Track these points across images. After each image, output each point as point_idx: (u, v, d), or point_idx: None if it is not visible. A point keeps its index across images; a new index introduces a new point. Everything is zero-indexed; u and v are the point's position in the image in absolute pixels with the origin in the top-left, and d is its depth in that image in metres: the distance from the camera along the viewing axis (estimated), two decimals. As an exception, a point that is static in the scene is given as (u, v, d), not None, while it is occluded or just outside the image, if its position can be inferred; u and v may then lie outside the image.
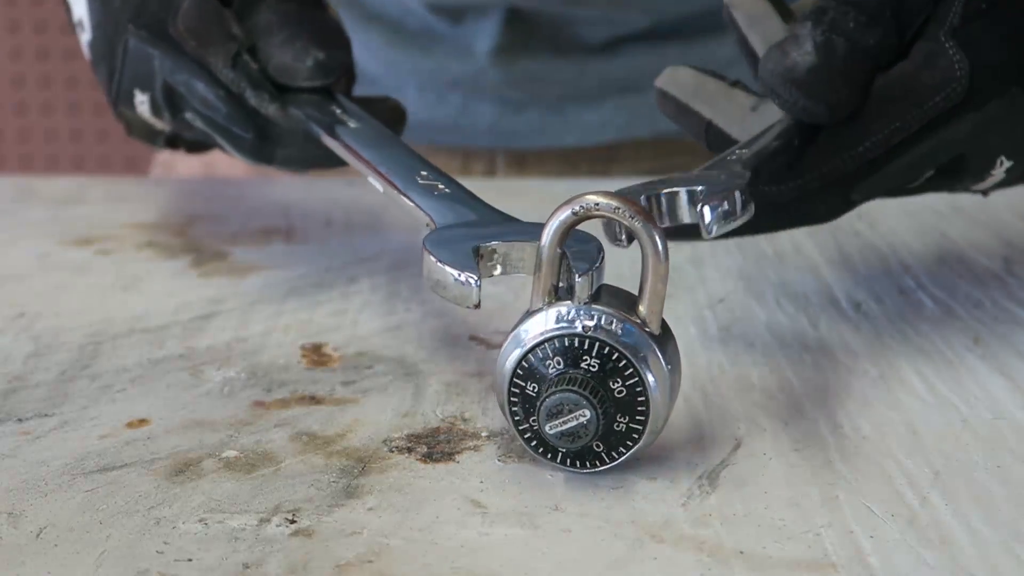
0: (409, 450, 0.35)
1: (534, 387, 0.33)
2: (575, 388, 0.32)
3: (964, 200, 0.62)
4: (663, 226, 0.36)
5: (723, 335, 0.44)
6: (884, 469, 0.34)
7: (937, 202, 0.61)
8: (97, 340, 0.43)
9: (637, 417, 0.33)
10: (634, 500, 0.32)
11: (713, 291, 0.48)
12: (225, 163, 0.71)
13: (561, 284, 0.34)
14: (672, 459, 0.35)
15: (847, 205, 0.42)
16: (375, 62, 0.68)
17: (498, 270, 0.36)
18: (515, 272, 0.36)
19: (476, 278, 0.34)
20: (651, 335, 0.33)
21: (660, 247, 0.33)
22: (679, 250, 0.53)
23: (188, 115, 0.48)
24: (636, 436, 0.33)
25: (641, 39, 0.67)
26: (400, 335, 0.44)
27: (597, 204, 0.32)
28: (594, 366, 0.33)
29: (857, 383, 0.40)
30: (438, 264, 0.35)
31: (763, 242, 0.53)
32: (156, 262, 0.52)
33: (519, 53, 0.67)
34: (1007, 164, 0.44)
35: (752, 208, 0.38)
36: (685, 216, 0.38)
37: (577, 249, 0.34)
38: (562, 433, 0.32)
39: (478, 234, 0.37)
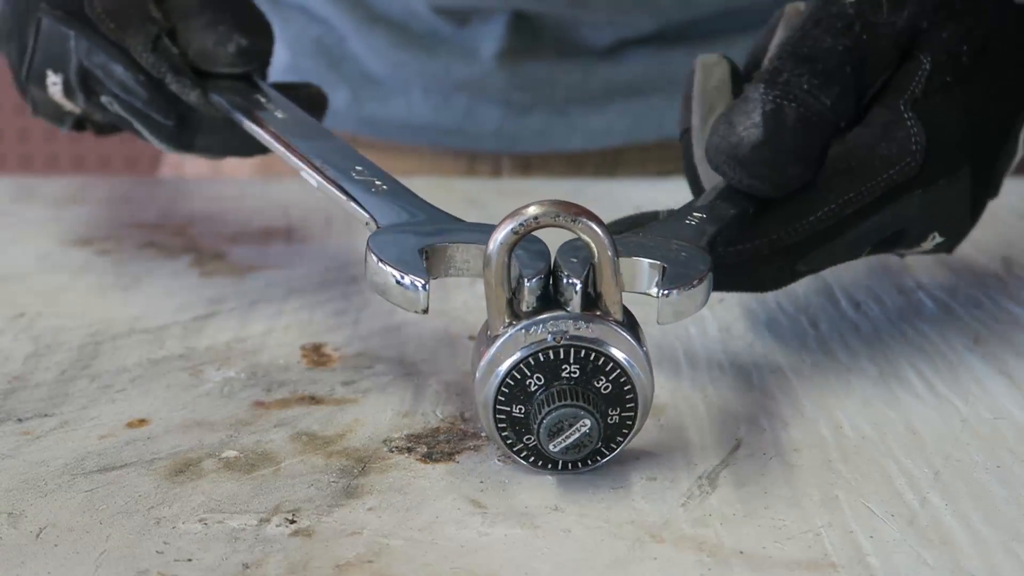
0: (409, 450, 0.35)
1: (520, 408, 0.33)
2: (568, 401, 0.32)
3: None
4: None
5: (723, 335, 0.44)
6: (884, 469, 0.34)
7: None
8: (97, 340, 0.43)
9: (627, 406, 0.33)
10: (634, 500, 0.32)
11: (713, 291, 0.48)
12: (232, 162, 0.71)
13: (516, 297, 0.33)
14: (672, 459, 0.35)
15: (792, 276, 0.40)
16: (380, 63, 0.68)
17: (446, 272, 0.35)
18: (461, 275, 0.35)
19: (424, 282, 0.34)
20: (617, 323, 0.33)
21: (607, 241, 0.33)
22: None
23: (104, 99, 0.47)
24: (630, 423, 0.33)
25: (646, 43, 0.67)
26: (400, 335, 0.44)
27: (536, 217, 0.32)
28: (575, 372, 0.33)
29: (857, 383, 0.40)
30: (383, 266, 0.34)
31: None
32: (156, 262, 0.52)
33: (524, 56, 0.67)
34: (938, 240, 0.43)
35: (706, 297, 0.36)
36: (640, 286, 0.35)
37: (525, 256, 0.34)
38: (567, 447, 0.33)
39: (423, 234, 0.36)
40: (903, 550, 0.30)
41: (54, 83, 0.48)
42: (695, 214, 0.39)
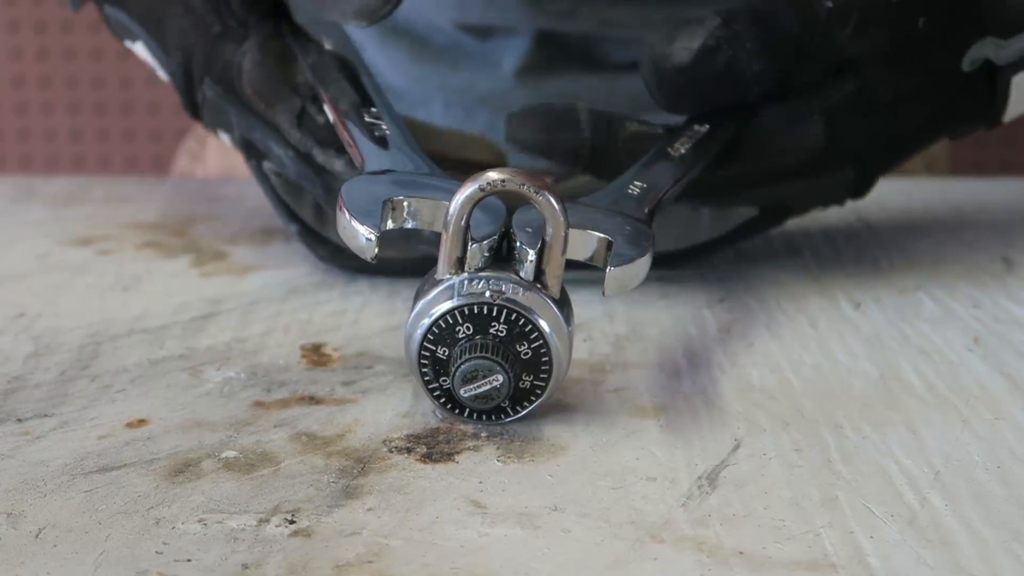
0: (409, 450, 0.35)
1: (444, 351, 0.35)
2: (488, 355, 0.35)
3: (963, 199, 0.62)
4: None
5: (723, 335, 0.44)
6: (884, 469, 0.34)
7: (936, 201, 0.62)
8: (97, 340, 0.43)
9: (541, 375, 0.36)
10: (634, 500, 0.32)
11: (713, 291, 0.48)
12: (244, 171, 0.71)
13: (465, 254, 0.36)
14: (672, 459, 0.35)
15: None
16: (401, 76, 0.68)
17: (408, 223, 0.37)
18: (424, 227, 0.37)
19: (375, 234, 0.36)
20: (552, 299, 0.35)
21: (563, 220, 0.35)
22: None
23: (266, 165, 0.49)
24: (539, 392, 0.36)
25: None
26: (400, 335, 0.44)
27: (503, 180, 0.34)
28: (502, 331, 0.35)
29: (857, 383, 0.40)
30: (347, 213, 0.36)
31: (763, 243, 0.53)
32: (156, 262, 0.52)
33: (547, 71, 0.66)
34: (819, 209, 0.49)
35: (647, 270, 0.37)
36: (585, 256, 0.37)
37: (481, 213, 0.36)
38: (476, 396, 0.35)
39: (396, 185, 0.38)
40: (903, 550, 0.30)
41: (225, 138, 0.50)
42: (636, 183, 0.41)
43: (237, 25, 0.47)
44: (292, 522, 0.31)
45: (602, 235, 0.37)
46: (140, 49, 0.51)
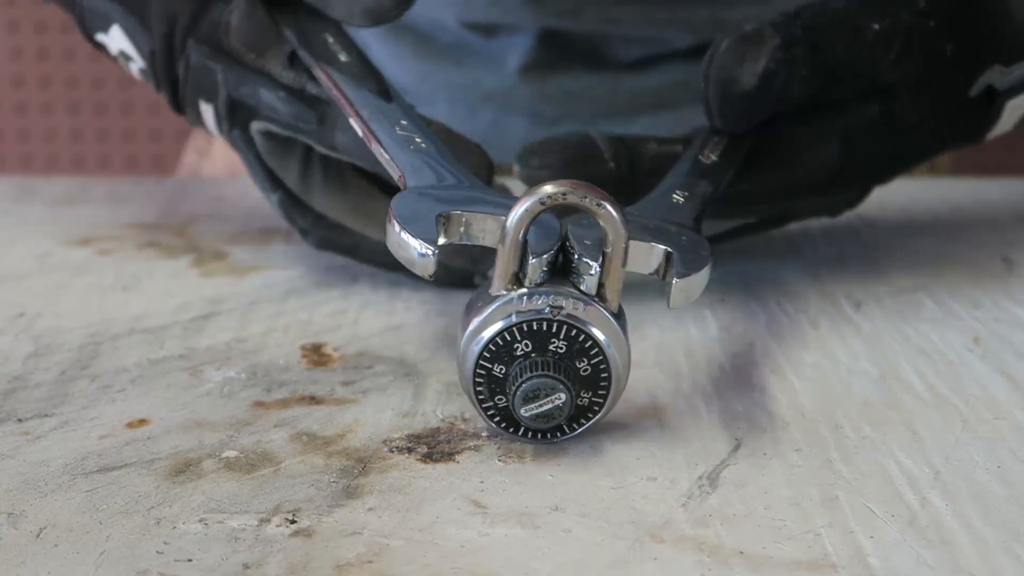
0: (409, 450, 0.35)
1: (501, 368, 0.34)
2: (551, 373, 0.34)
3: (963, 200, 0.62)
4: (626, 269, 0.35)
5: (723, 335, 0.44)
6: (884, 469, 0.34)
7: (936, 201, 0.62)
8: (97, 340, 0.43)
9: (600, 391, 0.35)
10: (634, 500, 0.32)
11: (713, 291, 0.48)
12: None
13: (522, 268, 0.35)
14: (672, 459, 0.35)
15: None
16: (405, 73, 0.68)
17: (462, 238, 0.36)
18: (476, 242, 0.36)
19: (434, 250, 0.35)
20: (612, 314, 0.34)
21: (624, 233, 0.34)
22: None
23: (254, 126, 0.48)
24: (598, 408, 0.35)
25: (675, 56, 0.67)
26: (400, 335, 0.44)
27: (564, 193, 0.33)
28: (562, 348, 0.34)
29: (857, 383, 0.40)
30: (399, 228, 0.35)
31: (762, 242, 0.53)
32: (156, 262, 0.52)
33: (552, 69, 0.66)
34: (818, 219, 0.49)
35: (707, 281, 0.37)
36: (646, 269, 0.37)
37: (540, 232, 0.35)
38: (537, 415, 0.34)
39: (446, 200, 0.37)
40: (903, 550, 0.30)
41: (206, 111, 0.49)
42: (678, 191, 0.41)
43: None
44: (293, 522, 0.31)
45: (664, 247, 0.36)
46: (115, 35, 0.50)
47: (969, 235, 0.56)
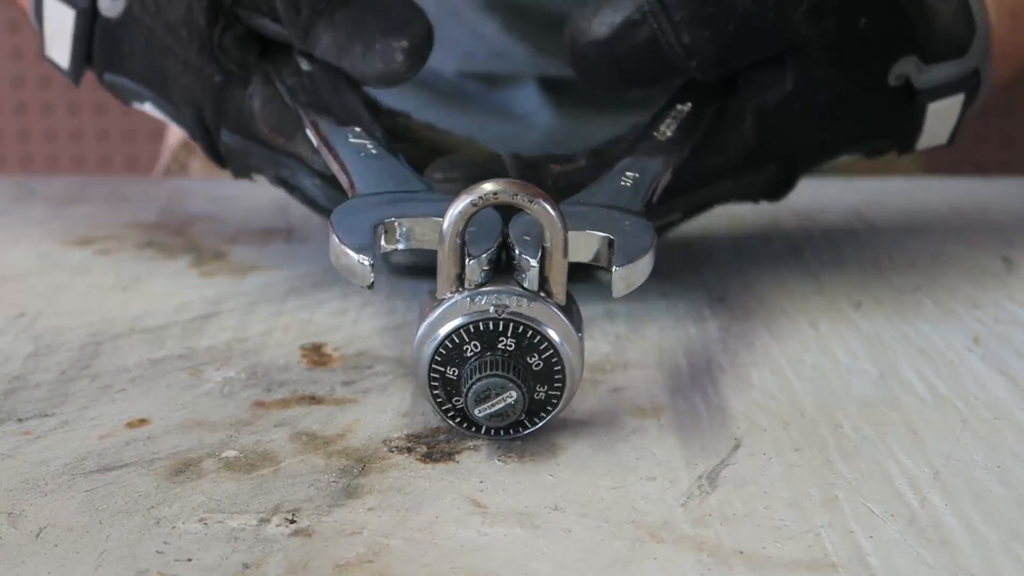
0: (409, 450, 0.35)
1: (454, 371, 0.35)
2: (500, 372, 0.34)
3: (963, 200, 0.62)
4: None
5: (723, 335, 0.44)
6: (884, 469, 0.34)
7: (936, 201, 0.62)
8: (97, 340, 0.43)
9: (555, 385, 0.35)
10: (634, 500, 0.32)
11: (713, 291, 0.48)
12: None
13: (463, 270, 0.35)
14: (672, 459, 0.35)
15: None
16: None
17: (400, 244, 0.37)
18: (419, 246, 0.37)
19: (370, 260, 0.35)
20: (559, 307, 0.35)
21: (561, 226, 0.34)
22: (678, 250, 0.53)
23: (307, 193, 0.48)
24: (555, 401, 0.35)
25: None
26: (400, 335, 0.44)
27: (495, 192, 0.33)
28: (511, 345, 0.34)
29: (857, 383, 0.40)
30: (337, 242, 0.36)
31: (762, 242, 0.53)
32: (156, 262, 0.52)
33: (556, 113, 0.66)
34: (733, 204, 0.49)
35: (651, 267, 0.37)
36: (587, 257, 0.37)
37: (476, 230, 0.35)
38: (491, 415, 0.34)
39: (386, 207, 0.37)
40: (903, 550, 0.30)
41: (258, 179, 0.49)
42: (628, 173, 0.41)
43: (238, 69, 0.46)
44: (292, 522, 0.31)
45: (603, 234, 0.37)
46: (150, 109, 0.49)
47: (969, 235, 0.56)
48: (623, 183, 0.41)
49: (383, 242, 0.37)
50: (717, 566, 0.29)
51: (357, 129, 0.42)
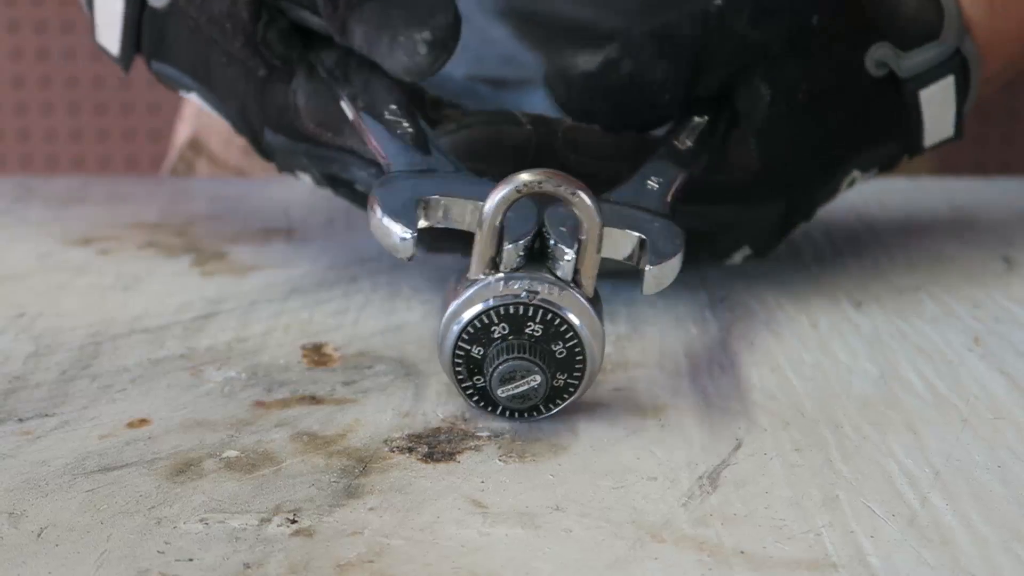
0: (410, 450, 0.35)
1: (479, 350, 0.36)
2: (527, 356, 0.35)
3: (963, 199, 0.62)
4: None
5: (723, 335, 0.44)
6: (884, 469, 0.34)
7: (936, 201, 0.62)
8: (97, 340, 0.43)
9: (575, 374, 0.36)
10: (635, 500, 0.32)
11: (713, 291, 0.48)
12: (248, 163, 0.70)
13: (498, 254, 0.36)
14: (672, 459, 0.35)
15: None
16: None
17: (441, 222, 0.38)
18: (455, 226, 0.38)
19: (412, 233, 0.36)
20: (587, 299, 0.36)
21: (599, 221, 0.35)
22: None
23: (358, 187, 0.47)
24: (573, 390, 0.36)
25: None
26: (401, 335, 0.44)
27: (539, 182, 0.34)
28: (538, 331, 0.35)
29: (857, 383, 0.40)
30: (379, 215, 0.37)
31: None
32: (156, 262, 0.52)
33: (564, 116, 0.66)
34: (748, 252, 0.48)
35: (680, 266, 0.38)
36: (619, 255, 0.38)
37: (518, 216, 0.36)
38: (513, 396, 0.35)
39: (426, 184, 0.39)
40: (904, 550, 0.30)
41: (303, 178, 0.49)
42: (653, 178, 0.42)
43: (282, 63, 0.45)
44: (293, 522, 0.31)
45: (636, 234, 0.38)
46: (196, 99, 0.49)
47: (969, 235, 0.56)
48: (649, 187, 0.41)
49: (423, 219, 0.38)
50: (718, 566, 0.29)
51: (393, 107, 0.43)
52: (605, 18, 0.59)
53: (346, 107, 0.43)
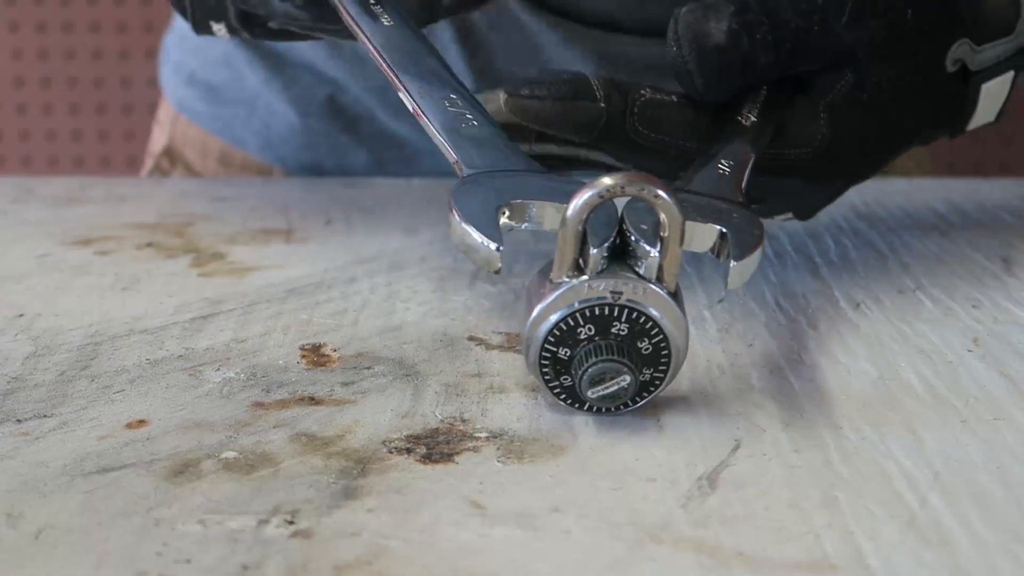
0: (408, 451, 0.35)
1: (566, 351, 0.36)
2: (615, 357, 0.35)
3: (963, 200, 0.62)
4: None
5: (723, 335, 0.44)
6: (884, 470, 0.34)
7: (936, 201, 0.62)
8: (96, 340, 0.43)
9: (660, 367, 0.36)
10: (633, 501, 0.32)
11: (713, 291, 0.48)
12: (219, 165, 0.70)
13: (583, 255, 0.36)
14: (672, 460, 0.35)
15: None
16: (403, 123, 0.67)
17: (523, 227, 0.38)
18: (536, 227, 0.38)
19: (497, 245, 0.36)
20: (670, 294, 0.36)
21: (680, 217, 0.35)
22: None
23: (272, 24, 0.48)
24: (659, 382, 0.37)
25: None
26: (400, 335, 0.44)
27: (623, 186, 0.35)
28: (623, 330, 0.36)
29: (856, 384, 0.40)
30: (461, 224, 0.37)
31: (763, 242, 0.53)
32: (156, 262, 0.52)
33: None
34: (789, 216, 0.49)
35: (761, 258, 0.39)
36: (700, 248, 0.39)
37: (595, 216, 0.36)
38: (603, 397, 0.36)
39: (504, 188, 0.38)
40: (903, 551, 0.30)
41: (218, 30, 0.49)
42: (723, 161, 0.42)
43: None
44: (292, 523, 0.31)
45: (717, 227, 0.38)
46: None
47: (969, 235, 0.56)
48: (721, 171, 0.42)
49: (505, 221, 0.38)
50: (717, 567, 0.29)
51: (453, 96, 0.43)
52: None
53: (405, 99, 0.43)
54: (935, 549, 0.30)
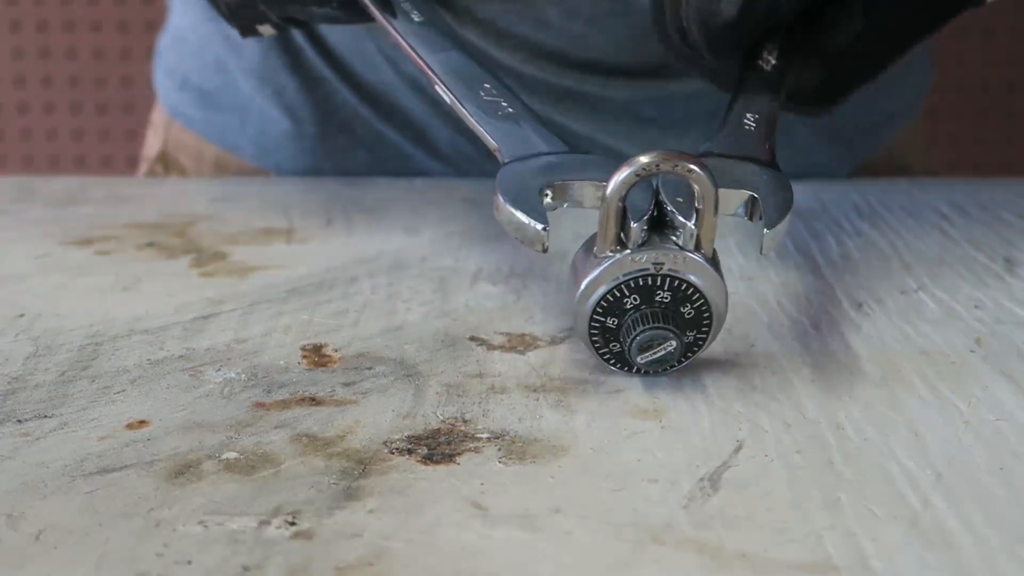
0: (409, 452, 0.35)
1: (614, 320, 0.38)
2: (661, 324, 0.38)
3: (965, 200, 0.62)
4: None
5: (723, 335, 0.44)
6: (886, 471, 0.34)
7: (938, 201, 0.61)
8: (97, 341, 0.43)
9: (703, 329, 0.39)
10: (635, 502, 0.32)
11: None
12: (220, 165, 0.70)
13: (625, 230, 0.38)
14: (673, 461, 0.35)
15: None
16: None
17: (565, 205, 0.40)
18: (576, 205, 0.40)
19: (543, 226, 0.38)
20: (707, 259, 0.38)
21: (713, 189, 0.37)
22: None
23: (321, 25, 0.50)
24: (702, 343, 0.39)
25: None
26: (401, 336, 0.44)
27: (658, 163, 0.37)
28: (667, 298, 0.38)
29: (859, 384, 0.40)
30: (509, 208, 0.39)
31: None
32: (156, 262, 0.52)
33: (557, 119, 0.65)
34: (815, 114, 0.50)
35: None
36: (730, 211, 0.40)
37: (634, 196, 0.38)
38: (652, 362, 0.38)
39: (545, 170, 0.41)
40: (905, 553, 0.30)
41: (264, 30, 0.51)
42: (748, 115, 0.44)
43: None
44: (293, 524, 0.31)
45: (748, 192, 0.40)
46: None
47: (970, 235, 0.56)
48: (747, 127, 0.43)
49: (549, 201, 0.40)
50: (719, 569, 0.29)
51: (487, 86, 0.44)
52: None
53: (441, 91, 0.45)
54: (938, 550, 0.30)
